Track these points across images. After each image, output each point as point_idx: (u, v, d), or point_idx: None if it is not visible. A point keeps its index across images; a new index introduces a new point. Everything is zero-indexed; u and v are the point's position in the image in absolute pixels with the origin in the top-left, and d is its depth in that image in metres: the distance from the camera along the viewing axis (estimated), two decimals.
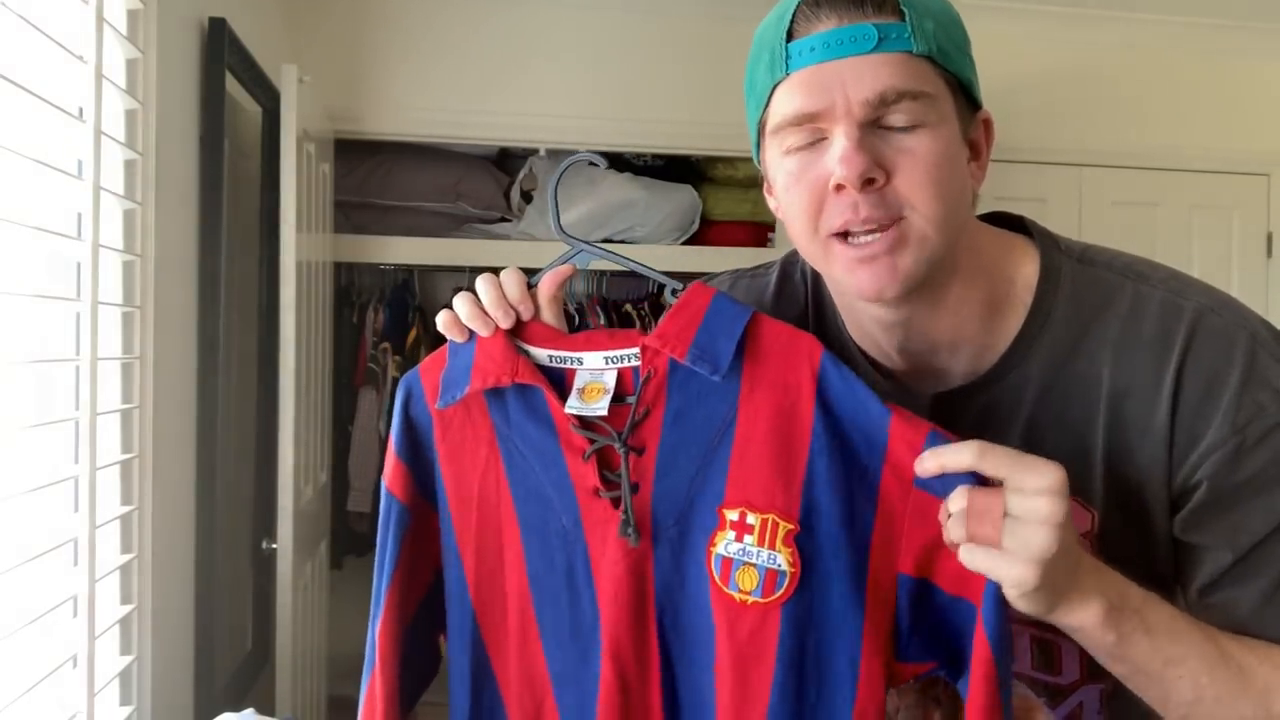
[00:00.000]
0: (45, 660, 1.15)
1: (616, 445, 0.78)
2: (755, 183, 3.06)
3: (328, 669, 2.57)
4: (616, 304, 3.11)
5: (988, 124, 0.82)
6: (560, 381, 0.82)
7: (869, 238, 0.75)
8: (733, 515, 0.77)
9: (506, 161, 3.13)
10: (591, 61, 2.85)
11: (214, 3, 1.78)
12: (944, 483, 0.72)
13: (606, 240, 2.90)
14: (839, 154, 0.73)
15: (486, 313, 0.82)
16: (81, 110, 1.24)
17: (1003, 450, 0.69)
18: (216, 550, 1.74)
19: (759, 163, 0.85)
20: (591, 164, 0.85)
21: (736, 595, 0.76)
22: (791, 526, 0.75)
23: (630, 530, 0.77)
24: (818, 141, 0.75)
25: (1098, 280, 0.81)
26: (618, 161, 3.02)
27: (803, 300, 0.95)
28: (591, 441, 0.79)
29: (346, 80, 2.70)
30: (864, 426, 0.75)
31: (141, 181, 1.44)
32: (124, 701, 1.42)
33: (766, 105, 0.78)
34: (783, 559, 0.75)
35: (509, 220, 3.02)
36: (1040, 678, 0.85)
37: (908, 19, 0.73)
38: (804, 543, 0.75)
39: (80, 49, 1.22)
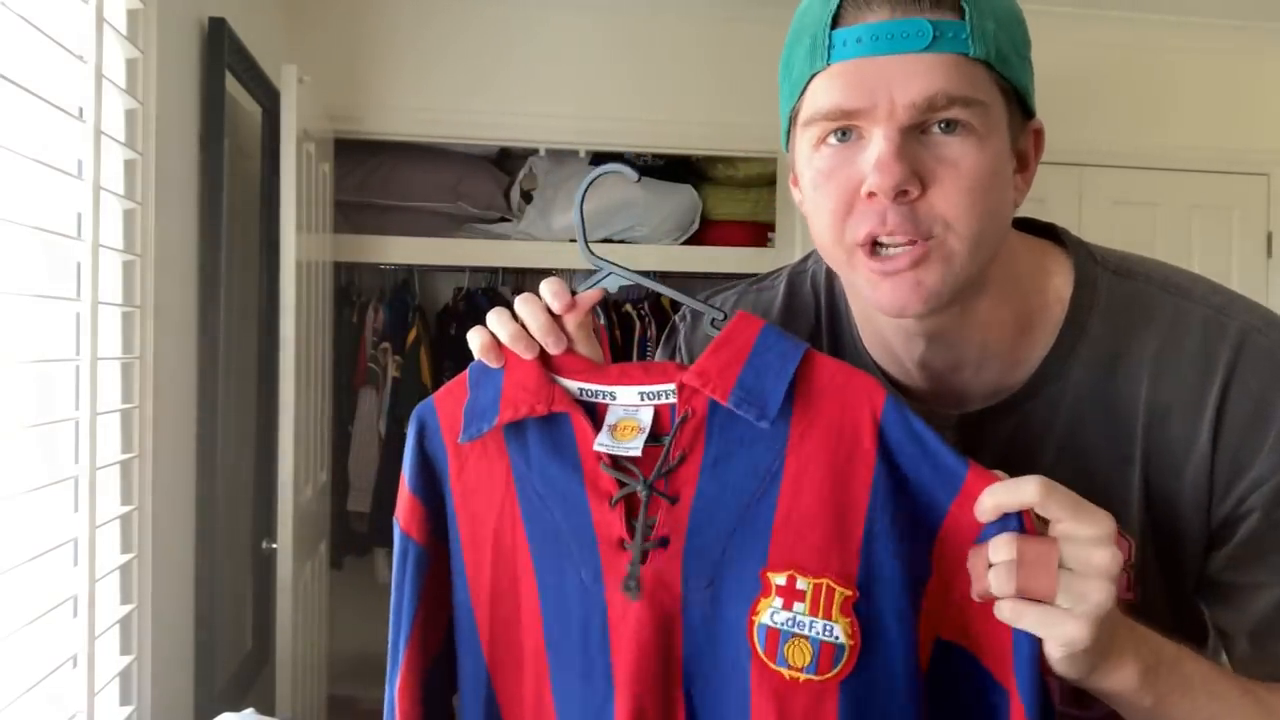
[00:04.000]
0: (45, 660, 1.15)
1: (640, 491, 0.70)
2: (755, 183, 3.06)
3: (328, 669, 2.57)
4: (616, 303, 3.11)
5: (1039, 134, 0.76)
6: (591, 417, 0.74)
7: (896, 250, 0.69)
8: (779, 580, 0.67)
9: (506, 161, 3.13)
10: (592, 62, 2.85)
11: (214, 3, 1.78)
12: (1002, 527, 0.63)
13: (605, 240, 2.90)
14: (875, 159, 0.67)
15: (531, 335, 0.74)
16: (81, 110, 1.24)
17: (1065, 492, 0.62)
18: (216, 550, 1.74)
19: (787, 151, 0.78)
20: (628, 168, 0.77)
21: (786, 672, 0.66)
22: (850, 593, 0.66)
23: (633, 584, 0.68)
24: (853, 140, 0.70)
25: (1135, 294, 0.76)
26: (617, 161, 3.02)
27: (814, 314, 0.89)
28: (621, 484, 0.71)
29: (346, 80, 2.70)
30: (931, 479, 0.66)
31: (141, 181, 1.44)
32: (124, 701, 1.42)
33: (801, 94, 0.71)
34: (840, 630, 0.65)
35: (509, 220, 3.02)
36: (1070, 712, 0.78)
37: (967, 17, 0.66)
38: (863, 611, 0.66)
39: (80, 49, 1.22)
